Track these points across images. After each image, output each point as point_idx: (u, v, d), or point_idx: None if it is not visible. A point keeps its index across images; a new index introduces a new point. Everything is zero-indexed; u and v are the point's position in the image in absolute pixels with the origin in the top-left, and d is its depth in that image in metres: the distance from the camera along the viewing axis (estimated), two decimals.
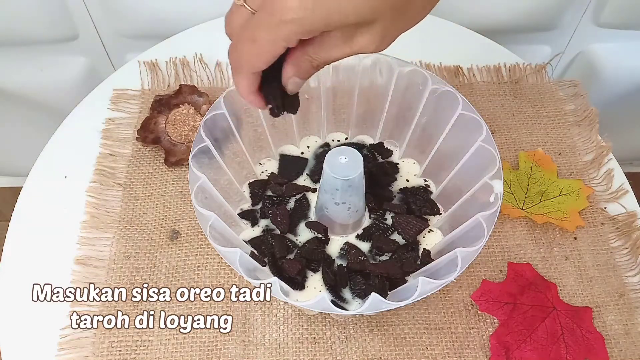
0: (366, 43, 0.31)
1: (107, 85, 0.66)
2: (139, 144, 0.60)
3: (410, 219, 0.50)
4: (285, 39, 0.30)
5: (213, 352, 0.48)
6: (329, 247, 0.50)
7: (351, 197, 0.46)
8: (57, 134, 0.62)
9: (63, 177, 0.59)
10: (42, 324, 0.49)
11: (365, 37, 0.31)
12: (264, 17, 0.30)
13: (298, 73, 0.34)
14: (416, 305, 0.51)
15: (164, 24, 0.75)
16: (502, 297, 0.51)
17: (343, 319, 0.50)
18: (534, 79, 0.68)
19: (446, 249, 0.45)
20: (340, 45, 0.31)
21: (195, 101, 0.62)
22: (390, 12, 0.30)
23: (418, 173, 0.55)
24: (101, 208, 0.56)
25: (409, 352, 0.49)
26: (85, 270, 0.52)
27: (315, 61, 0.33)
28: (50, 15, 0.74)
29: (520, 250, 0.55)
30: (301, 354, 0.48)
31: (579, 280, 0.53)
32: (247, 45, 0.32)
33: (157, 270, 0.52)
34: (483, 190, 0.44)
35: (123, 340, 0.49)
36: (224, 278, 0.52)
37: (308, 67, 0.33)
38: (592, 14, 0.79)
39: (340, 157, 0.44)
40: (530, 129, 0.64)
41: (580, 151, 0.62)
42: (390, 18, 0.30)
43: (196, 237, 0.54)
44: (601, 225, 0.57)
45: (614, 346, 0.50)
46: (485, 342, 0.49)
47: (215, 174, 0.47)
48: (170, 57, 0.68)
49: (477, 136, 0.45)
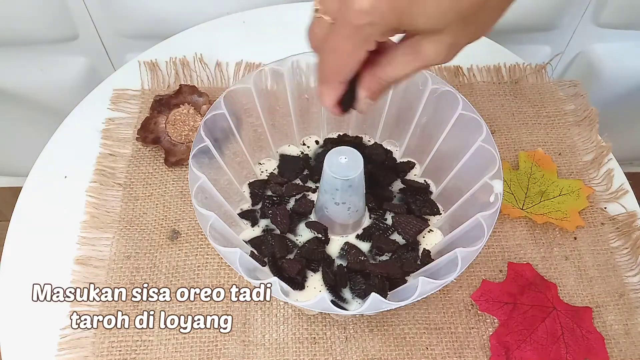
0: (434, 54, 0.31)
1: (107, 85, 0.66)
2: (139, 144, 0.60)
3: (410, 219, 0.50)
4: (364, 43, 0.31)
5: (213, 352, 0.48)
6: (329, 247, 0.50)
7: (351, 197, 0.46)
8: (57, 134, 0.62)
9: (63, 177, 0.59)
10: (42, 324, 0.49)
11: (433, 47, 0.31)
12: (341, 25, 0.31)
13: (370, 94, 0.35)
14: (416, 305, 0.51)
15: (164, 24, 0.75)
16: (502, 297, 0.51)
17: (343, 319, 0.50)
18: (534, 79, 0.68)
19: (446, 249, 0.45)
20: (407, 59, 0.32)
21: (195, 101, 0.62)
22: (459, 22, 0.29)
23: (418, 173, 0.55)
24: (101, 208, 0.56)
25: (409, 352, 0.49)
26: (85, 270, 0.52)
27: (384, 81, 0.34)
28: (50, 15, 0.74)
29: (520, 250, 0.55)
30: (301, 354, 0.48)
31: (579, 280, 0.53)
32: (330, 56, 0.33)
33: (157, 270, 0.52)
34: (483, 190, 0.44)
35: (123, 340, 0.49)
36: (224, 278, 0.52)
37: (378, 88, 0.34)
38: (592, 14, 0.79)
39: (340, 157, 0.44)
40: (530, 129, 0.64)
41: (580, 151, 0.62)
42: (458, 27, 0.30)
43: (196, 237, 0.54)
44: (601, 225, 0.57)
45: (614, 346, 0.50)
46: (485, 342, 0.49)
47: (215, 174, 0.47)
48: (170, 57, 0.68)
49: (477, 136, 0.45)
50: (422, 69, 0.33)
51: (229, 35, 0.71)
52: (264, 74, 0.49)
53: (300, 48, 0.50)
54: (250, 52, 0.68)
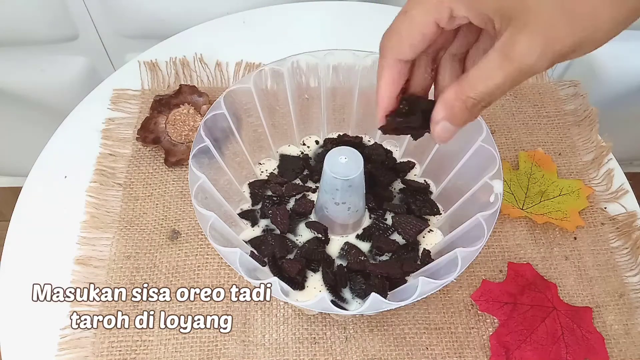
0: (526, 50, 0.25)
1: (107, 85, 0.66)
2: (139, 144, 0.60)
3: (410, 219, 0.50)
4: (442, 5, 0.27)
5: (213, 352, 0.48)
6: (329, 247, 0.50)
7: (351, 197, 0.46)
8: (57, 134, 0.62)
9: (63, 177, 0.59)
10: (42, 324, 0.49)
11: (525, 43, 0.25)
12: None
13: (451, 116, 0.28)
14: (416, 305, 0.51)
15: (164, 24, 0.75)
16: (502, 297, 0.51)
17: (343, 319, 0.50)
18: (534, 79, 0.68)
19: (446, 249, 0.45)
20: (498, 63, 0.26)
21: (195, 101, 0.62)
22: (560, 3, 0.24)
23: (418, 173, 0.55)
24: (101, 208, 0.56)
25: (409, 352, 0.49)
26: (85, 270, 0.52)
27: (472, 99, 0.27)
28: (50, 15, 0.74)
29: (520, 250, 0.55)
30: (301, 354, 0.48)
31: (579, 280, 0.53)
32: (399, 19, 0.29)
33: (157, 270, 0.52)
34: (483, 190, 0.44)
35: (123, 340, 0.49)
36: (224, 278, 0.52)
37: (461, 107, 0.28)
38: None
39: (340, 157, 0.44)
40: (530, 129, 0.64)
41: (580, 151, 0.62)
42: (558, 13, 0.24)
43: (196, 237, 0.54)
44: (601, 225, 0.57)
45: (614, 346, 0.50)
46: (485, 342, 0.49)
47: (215, 174, 0.47)
48: (170, 57, 0.68)
49: (477, 136, 0.45)
50: (517, 78, 0.26)
51: (229, 35, 0.71)
52: (264, 74, 0.49)
53: (301, 48, 0.50)
54: (250, 52, 0.68)
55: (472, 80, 0.27)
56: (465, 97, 0.27)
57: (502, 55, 0.26)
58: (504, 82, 0.26)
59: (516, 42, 0.25)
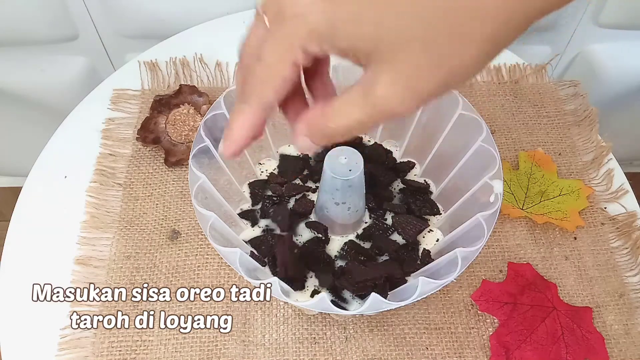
0: (386, 92, 0.24)
1: (107, 85, 0.66)
2: (139, 144, 0.60)
3: (410, 219, 0.50)
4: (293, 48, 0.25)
5: (213, 352, 0.48)
6: (329, 247, 0.50)
7: (351, 197, 0.46)
8: (57, 134, 0.62)
9: (63, 177, 0.59)
10: (42, 324, 0.49)
11: (385, 83, 0.24)
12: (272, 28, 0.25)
13: (310, 135, 0.28)
14: (416, 305, 0.51)
15: (164, 24, 0.75)
16: (502, 297, 0.51)
17: (343, 319, 0.50)
18: (534, 79, 0.68)
19: (446, 249, 0.45)
20: (360, 102, 0.25)
21: (195, 101, 0.62)
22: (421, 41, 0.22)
23: (418, 173, 0.55)
24: (101, 208, 0.56)
25: (409, 352, 0.49)
26: (85, 270, 0.52)
27: (329, 128, 0.27)
28: (50, 15, 0.74)
29: (520, 250, 0.55)
30: (301, 354, 0.48)
31: (579, 280, 0.53)
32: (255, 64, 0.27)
33: (157, 270, 0.52)
34: (483, 190, 0.44)
35: (123, 340, 0.49)
36: (224, 278, 0.52)
37: (320, 131, 0.27)
38: (592, 14, 0.79)
39: (340, 157, 0.44)
40: (530, 129, 0.64)
41: (580, 151, 0.62)
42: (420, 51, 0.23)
43: (196, 237, 0.54)
44: (601, 225, 0.57)
45: (614, 346, 0.50)
46: (485, 342, 0.49)
47: (215, 174, 0.47)
48: (170, 57, 0.68)
49: (477, 136, 0.45)
50: (379, 119, 0.25)
51: (229, 35, 0.70)
52: None
53: None
54: None
55: (335, 111, 0.26)
56: (324, 125, 0.27)
57: (364, 95, 0.25)
58: (366, 120, 0.25)
59: (378, 82, 0.24)
